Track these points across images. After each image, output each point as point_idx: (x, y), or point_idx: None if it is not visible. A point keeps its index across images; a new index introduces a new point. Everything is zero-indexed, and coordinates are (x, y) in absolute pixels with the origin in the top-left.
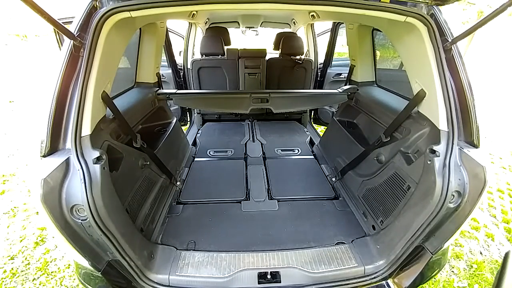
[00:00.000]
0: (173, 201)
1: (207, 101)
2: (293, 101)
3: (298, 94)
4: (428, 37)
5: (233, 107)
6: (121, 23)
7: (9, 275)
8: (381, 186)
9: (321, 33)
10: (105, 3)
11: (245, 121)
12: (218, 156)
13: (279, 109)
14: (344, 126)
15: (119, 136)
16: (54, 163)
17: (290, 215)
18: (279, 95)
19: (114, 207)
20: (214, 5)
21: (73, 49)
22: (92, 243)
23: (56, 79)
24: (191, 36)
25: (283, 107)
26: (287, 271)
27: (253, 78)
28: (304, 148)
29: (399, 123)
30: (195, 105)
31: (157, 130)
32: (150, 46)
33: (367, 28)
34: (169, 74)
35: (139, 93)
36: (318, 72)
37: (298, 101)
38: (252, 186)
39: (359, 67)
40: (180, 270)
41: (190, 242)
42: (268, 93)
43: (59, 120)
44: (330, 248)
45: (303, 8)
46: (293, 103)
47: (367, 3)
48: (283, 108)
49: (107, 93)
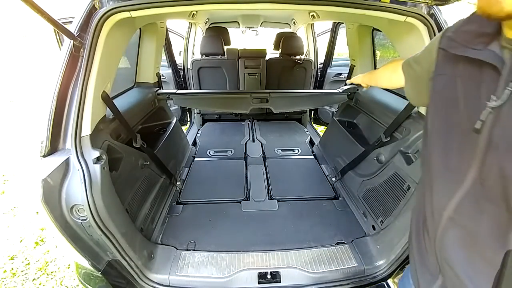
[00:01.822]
0: (173, 201)
1: (207, 101)
2: (293, 101)
3: (298, 94)
4: (428, 37)
5: (233, 107)
6: (121, 23)
7: (9, 275)
8: (381, 186)
9: (321, 33)
10: (105, 3)
11: (245, 121)
12: (218, 156)
13: (279, 109)
14: (344, 126)
15: (119, 136)
16: (54, 163)
17: (290, 215)
18: (279, 95)
19: (114, 207)
20: (214, 5)
21: (73, 49)
22: (92, 243)
23: (56, 79)
24: (191, 36)
25: (283, 107)
26: (287, 271)
27: (253, 78)
28: (304, 148)
29: (399, 123)
30: (195, 105)
31: (157, 130)
32: (150, 46)
33: (367, 28)
34: (169, 74)
35: (139, 93)
36: (318, 72)
37: (298, 101)
38: (252, 186)
39: (359, 67)
40: (180, 270)
41: (190, 242)
42: (268, 93)
43: (59, 120)
44: (330, 248)
45: (303, 8)
46: (293, 103)
47: (367, 3)
48: (283, 108)
49: (107, 93)
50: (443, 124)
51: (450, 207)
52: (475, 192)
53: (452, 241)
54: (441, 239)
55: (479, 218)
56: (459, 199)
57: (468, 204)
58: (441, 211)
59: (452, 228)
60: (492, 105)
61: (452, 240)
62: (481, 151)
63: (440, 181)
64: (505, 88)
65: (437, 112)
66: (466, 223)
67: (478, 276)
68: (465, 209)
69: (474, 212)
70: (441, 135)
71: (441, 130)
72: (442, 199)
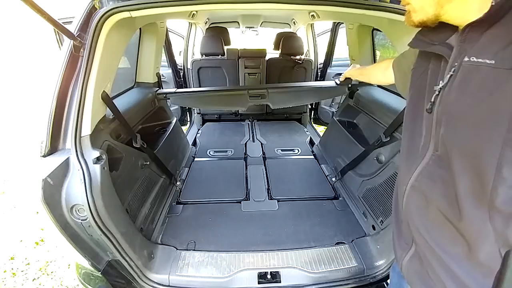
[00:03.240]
0: (173, 201)
1: (204, 99)
2: (291, 96)
3: (296, 89)
4: None
5: (230, 105)
6: (121, 23)
7: (9, 275)
8: (381, 186)
9: (321, 33)
10: (105, 3)
11: (245, 121)
12: (218, 156)
13: (277, 104)
14: (344, 126)
15: (119, 136)
16: (54, 163)
17: (290, 215)
18: (277, 90)
19: (114, 207)
20: (214, 5)
21: (73, 49)
22: (92, 243)
23: (56, 79)
24: (191, 36)
25: (281, 103)
26: (287, 271)
27: (253, 78)
28: (304, 148)
29: (399, 123)
30: (191, 103)
31: (157, 130)
32: (150, 46)
33: (367, 28)
34: (169, 74)
35: (139, 93)
36: (318, 72)
37: (297, 96)
38: (252, 186)
39: None
40: (180, 270)
41: (190, 242)
42: (266, 88)
43: (59, 120)
44: (330, 248)
45: (303, 8)
46: (291, 98)
47: (367, 3)
48: (281, 104)
49: (107, 93)
50: (414, 110)
51: (413, 177)
52: (432, 162)
53: (414, 206)
54: (406, 206)
55: (434, 184)
56: (420, 169)
57: (426, 172)
58: (406, 181)
59: (412, 194)
60: (438, 88)
61: (414, 205)
62: (433, 128)
63: (408, 158)
64: (448, 73)
65: (411, 101)
66: (424, 188)
67: (445, 242)
68: (424, 177)
69: (430, 179)
70: (409, 121)
71: (411, 116)
72: (408, 172)
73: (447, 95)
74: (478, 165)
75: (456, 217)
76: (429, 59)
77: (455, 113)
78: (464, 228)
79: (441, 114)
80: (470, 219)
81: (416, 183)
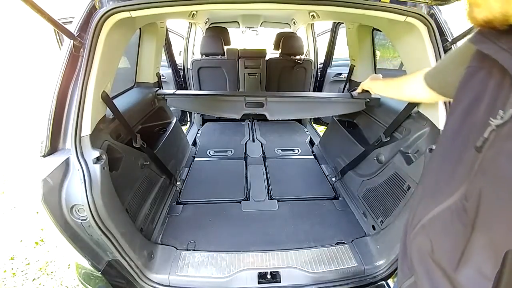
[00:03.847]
0: (173, 201)
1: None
2: (293, 108)
3: (300, 99)
4: (428, 37)
5: (224, 111)
6: (121, 23)
7: (9, 275)
8: (381, 186)
9: (321, 33)
10: (105, 3)
11: (245, 121)
12: (218, 156)
13: (275, 116)
14: (344, 126)
15: (119, 136)
16: (54, 163)
17: (290, 215)
18: (277, 99)
19: (114, 207)
20: (214, 5)
21: (73, 49)
22: (92, 243)
23: (56, 79)
24: (191, 36)
25: (280, 114)
26: (287, 271)
27: (253, 78)
28: (304, 148)
29: (399, 123)
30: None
31: (157, 130)
32: (150, 46)
33: (367, 28)
34: (169, 74)
35: (139, 93)
36: (318, 72)
37: (300, 108)
38: (252, 186)
39: (359, 67)
40: (180, 270)
41: (190, 242)
42: (265, 96)
43: (59, 120)
44: (330, 248)
45: (303, 8)
46: (293, 109)
47: (367, 3)
48: (280, 116)
49: (107, 93)
50: (461, 120)
51: (428, 215)
52: (453, 210)
53: (417, 247)
54: (411, 242)
55: (444, 239)
56: (437, 212)
57: (441, 221)
58: (420, 217)
59: (420, 235)
60: (496, 123)
61: (417, 247)
62: (473, 172)
63: (431, 189)
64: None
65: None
66: (432, 236)
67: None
68: (438, 222)
69: (443, 231)
70: (450, 135)
71: (455, 130)
72: (425, 207)
73: (506, 140)
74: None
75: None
76: (493, 65)
77: (509, 171)
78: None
79: (489, 162)
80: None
81: (427, 224)
